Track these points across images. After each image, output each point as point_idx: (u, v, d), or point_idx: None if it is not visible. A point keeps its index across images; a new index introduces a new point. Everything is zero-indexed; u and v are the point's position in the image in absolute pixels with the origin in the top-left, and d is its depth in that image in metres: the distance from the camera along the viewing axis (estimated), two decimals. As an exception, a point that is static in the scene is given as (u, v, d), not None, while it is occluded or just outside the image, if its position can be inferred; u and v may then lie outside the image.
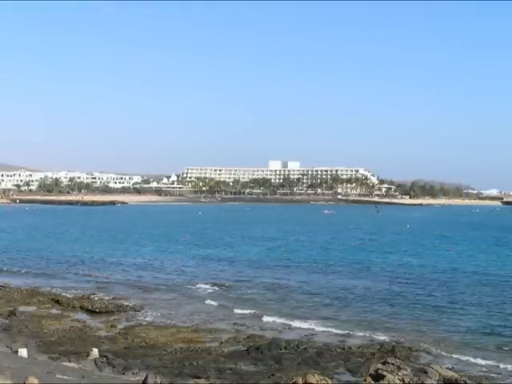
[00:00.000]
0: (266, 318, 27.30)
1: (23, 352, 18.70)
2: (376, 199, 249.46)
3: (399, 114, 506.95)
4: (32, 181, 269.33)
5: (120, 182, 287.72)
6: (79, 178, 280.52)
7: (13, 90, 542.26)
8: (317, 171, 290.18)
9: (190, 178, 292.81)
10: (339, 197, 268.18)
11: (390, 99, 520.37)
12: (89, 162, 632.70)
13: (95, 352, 19.91)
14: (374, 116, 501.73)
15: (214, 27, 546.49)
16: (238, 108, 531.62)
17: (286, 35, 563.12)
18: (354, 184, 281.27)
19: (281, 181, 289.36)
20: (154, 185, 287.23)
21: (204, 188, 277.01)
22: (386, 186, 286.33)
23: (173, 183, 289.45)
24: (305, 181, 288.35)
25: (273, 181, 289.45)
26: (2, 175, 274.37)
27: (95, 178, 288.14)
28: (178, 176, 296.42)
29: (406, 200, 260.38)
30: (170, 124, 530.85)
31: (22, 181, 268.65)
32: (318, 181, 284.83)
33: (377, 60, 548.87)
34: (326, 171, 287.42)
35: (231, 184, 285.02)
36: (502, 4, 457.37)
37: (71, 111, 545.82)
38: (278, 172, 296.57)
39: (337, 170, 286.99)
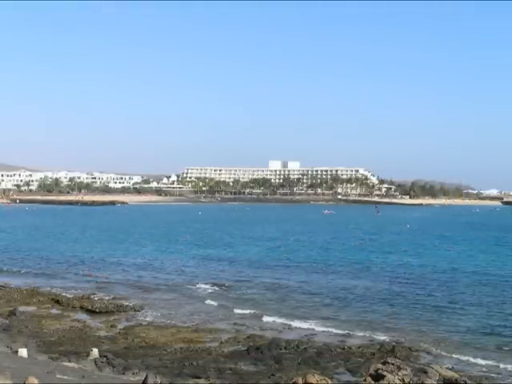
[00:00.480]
0: (265, 318, 27.27)
1: (23, 352, 18.69)
2: (376, 199, 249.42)
3: (399, 114, 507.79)
4: (32, 181, 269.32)
5: (120, 182, 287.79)
6: (79, 177, 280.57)
7: (13, 90, 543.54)
8: (317, 171, 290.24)
9: (190, 178, 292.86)
10: (339, 197, 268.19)
11: (390, 99, 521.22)
12: (89, 162, 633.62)
13: (95, 352, 19.90)
14: (374, 116, 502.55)
15: (214, 27, 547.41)
16: (237, 108, 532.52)
17: (286, 35, 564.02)
18: (353, 184, 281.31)
19: (281, 181, 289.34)
20: (154, 185, 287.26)
21: (204, 188, 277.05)
22: (386, 186, 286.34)
23: (173, 183, 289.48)
24: (305, 181, 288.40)
25: (273, 181, 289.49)
26: (2, 175, 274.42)
27: (95, 178, 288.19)
28: (178, 176, 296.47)
29: (406, 200, 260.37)
30: (170, 124, 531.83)
31: (22, 181, 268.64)
32: (318, 181, 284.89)
33: (377, 60, 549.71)
34: (326, 171, 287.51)
35: (231, 184, 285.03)
36: (501, 4, 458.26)
37: (71, 111, 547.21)
38: (277, 172, 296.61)
39: (337, 170, 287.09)
